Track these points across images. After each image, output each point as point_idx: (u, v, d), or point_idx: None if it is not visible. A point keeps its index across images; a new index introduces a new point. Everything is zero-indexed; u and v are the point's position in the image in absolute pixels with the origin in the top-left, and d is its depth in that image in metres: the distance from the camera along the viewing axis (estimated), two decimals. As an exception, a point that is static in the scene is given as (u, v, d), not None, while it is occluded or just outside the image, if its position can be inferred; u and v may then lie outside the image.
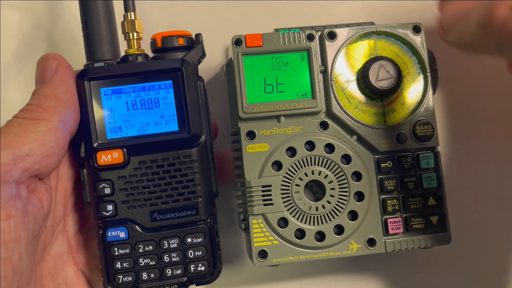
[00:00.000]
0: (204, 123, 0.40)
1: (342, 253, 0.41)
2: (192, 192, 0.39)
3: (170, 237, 0.39)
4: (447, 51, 0.51)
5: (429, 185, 0.42)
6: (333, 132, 0.42)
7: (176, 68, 0.39)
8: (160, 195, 0.39)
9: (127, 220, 0.39)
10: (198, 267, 0.39)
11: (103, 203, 0.38)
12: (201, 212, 0.39)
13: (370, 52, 0.43)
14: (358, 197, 0.42)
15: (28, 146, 0.34)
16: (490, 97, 0.51)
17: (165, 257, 0.39)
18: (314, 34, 0.42)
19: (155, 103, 0.39)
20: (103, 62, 0.39)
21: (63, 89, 0.37)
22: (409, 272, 0.50)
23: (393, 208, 0.42)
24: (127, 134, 0.39)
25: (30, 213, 0.34)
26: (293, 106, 0.41)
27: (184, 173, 0.39)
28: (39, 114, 0.36)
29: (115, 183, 0.38)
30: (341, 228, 0.41)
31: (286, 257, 0.41)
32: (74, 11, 0.48)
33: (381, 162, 0.42)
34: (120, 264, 0.39)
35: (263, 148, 0.41)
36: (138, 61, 0.39)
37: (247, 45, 0.41)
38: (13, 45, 0.48)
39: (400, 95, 0.43)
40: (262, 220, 0.41)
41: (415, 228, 0.42)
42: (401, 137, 0.42)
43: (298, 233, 0.41)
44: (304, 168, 0.41)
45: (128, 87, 0.39)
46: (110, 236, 0.39)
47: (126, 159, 0.38)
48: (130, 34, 0.40)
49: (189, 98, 0.39)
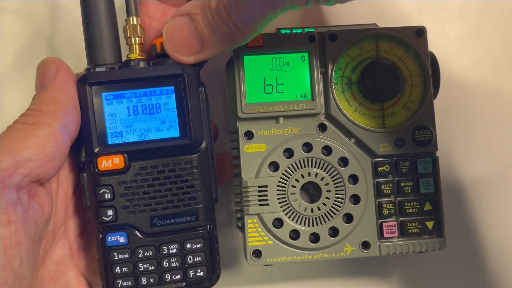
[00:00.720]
0: (205, 129, 0.39)
1: (336, 255, 0.41)
2: (192, 198, 0.39)
3: (170, 242, 0.39)
4: (449, 53, 0.51)
5: (426, 190, 0.42)
6: (331, 135, 0.42)
7: (178, 74, 0.39)
8: (160, 200, 0.39)
9: (127, 225, 0.39)
10: (197, 272, 0.40)
11: (103, 208, 0.38)
12: (201, 218, 0.39)
13: (372, 54, 0.42)
14: (354, 200, 0.42)
15: (29, 151, 0.34)
16: (491, 101, 0.51)
17: (164, 262, 0.39)
18: (315, 35, 0.42)
19: (157, 109, 0.39)
20: (105, 66, 0.39)
21: (63, 93, 0.37)
22: (402, 276, 0.50)
23: (388, 212, 0.42)
24: (128, 139, 0.39)
25: (30, 218, 0.35)
26: (292, 107, 0.41)
27: (185, 179, 0.39)
28: (39, 119, 0.35)
29: (116, 189, 0.38)
30: (336, 231, 0.41)
31: (280, 257, 0.41)
32: (75, 14, 0.47)
33: (378, 165, 0.42)
34: (119, 268, 0.39)
35: (261, 148, 0.41)
36: (139, 66, 0.39)
37: (248, 45, 0.41)
38: (14, 48, 0.48)
39: (400, 98, 0.42)
40: (258, 220, 0.41)
41: (410, 232, 0.42)
42: (399, 141, 0.42)
43: (292, 234, 0.41)
44: (301, 169, 0.41)
45: (130, 92, 0.39)
46: (110, 241, 0.39)
47: (127, 164, 0.38)
48: (132, 39, 0.39)
49: (190, 104, 0.39)
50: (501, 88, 0.51)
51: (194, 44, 0.37)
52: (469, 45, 0.51)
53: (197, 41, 0.37)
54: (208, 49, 0.38)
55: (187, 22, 0.37)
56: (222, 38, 0.36)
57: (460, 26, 0.51)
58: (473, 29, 0.51)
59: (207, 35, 0.37)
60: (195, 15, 0.37)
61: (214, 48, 0.37)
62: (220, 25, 0.35)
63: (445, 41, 0.51)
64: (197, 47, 0.38)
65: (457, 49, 0.51)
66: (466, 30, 0.51)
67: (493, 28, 0.52)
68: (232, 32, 0.35)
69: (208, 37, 0.37)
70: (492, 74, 0.51)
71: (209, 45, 0.37)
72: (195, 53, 0.38)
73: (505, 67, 0.51)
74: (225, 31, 0.36)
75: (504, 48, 0.51)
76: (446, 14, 0.51)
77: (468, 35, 0.51)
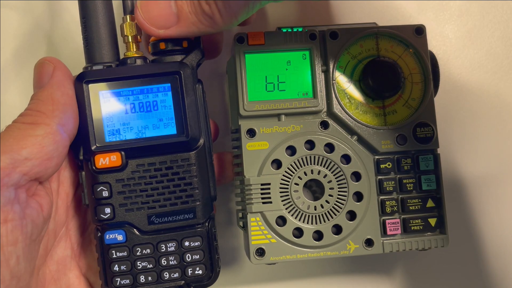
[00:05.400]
0: (202, 126, 0.40)
1: (339, 253, 0.41)
2: (190, 196, 0.39)
3: (168, 240, 0.39)
4: (449, 53, 0.51)
5: (428, 187, 0.42)
6: (333, 132, 0.42)
7: (175, 72, 0.39)
8: (158, 198, 0.39)
9: (125, 223, 0.39)
10: (196, 270, 0.39)
11: (101, 206, 0.38)
12: (199, 215, 0.39)
13: (372, 52, 0.43)
14: (357, 197, 0.42)
15: (27, 150, 0.34)
16: (491, 100, 0.51)
17: (162, 260, 0.39)
18: (316, 33, 0.42)
19: (154, 106, 0.39)
20: (102, 65, 0.39)
21: (60, 92, 0.37)
22: (406, 273, 0.50)
23: (391, 209, 0.42)
24: (125, 137, 0.39)
25: (28, 217, 0.35)
26: (294, 105, 0.41)
27: (182, 177, 0.39)
28: (37, 118, 0.36)
29: (113, 186, 0.38)
30: (339, 228, 0.41)
31: (284, 255, 0.41)
32: (73, 12, 0.48)
33: (380, 163, 0.42)
34: (117, 266, 0.39)
35: (263, 146, 0.41)
36: (136, 64, 0.39)
37: (250, 43, 0.41)
38: (12, 46, 0.48)
39: (401, 96, 0.43)
40: (261, 218, 0.41)
41: (413, 229, 0.42)
42: (401, 139, 0.42)
43: (296, 232, 0.41)
44: (304, 167, 0.41)
45: (127, 90, 0.39)
46: (108, 239, 0.39)
47: (124, 162, 0.38)
48: (129, 37, 0.40)
49: (187, 102, 0.39)
50: (501, 88, 0.51)
51: (169, 17, 0.37)
52: (469, 45, 0.52)
53: (173, 15, 0.37)
54: (182, 26, 0.37)
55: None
56: (200, 18, 0.36)
57: (460, 26, 0.52)
58: (473, 29, 0.52)
59: (186, 12, 0.36)
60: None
61: (188, 27, 0.37)
62: (202, 4, 0.35)
63: (445, 41, 0.52)
64: (171, 21, 0.37)
65: (457, 49, 0.52)
66: (466, 30, 0.52)
67: (493, 28, 0.52)
68: (213, 14, 0.35)
69: (186, 14, 0.36)
70: (492, 74, 0.51)
71: (185, 22, 0.37)
72: (166, 27, 0.38)
73: (505, 67, 0.51)
74: (207, 12, 0.35)
75: (504, 48, 0.52)
76: (446, 14, 0.52)
77: (468, 35, 0.52)
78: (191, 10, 0.36)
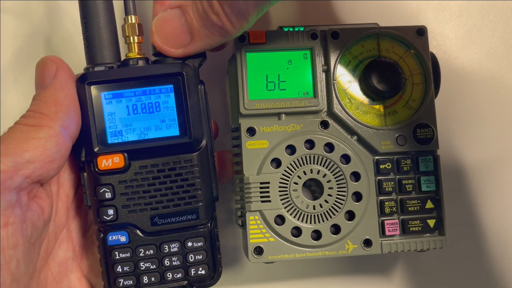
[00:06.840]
0: (205, 127, 0.39)
1: (338, 253, 0.41)
2: (193, 197, 0.39)
3: (171, 241, 0.39)
4: (449, 53, 0.51)
5: (428, 188, 0.42)
6: (333, 132, 0.42)
7: (177, 73, 0.39)
8: (161, 199, 0.39)
9: (128, 225, 0.39)
10: (199, 271, 0.40)
11: (104, 208, 0.38)
12: (202, 216, 0.39)
13: (373, 53, 0.42)
14: (356, 197, 0.42)
15: (30, 153, 0.34)
16: (491, 100, 0.51)
17: (165, 261, 0.39)
18: (317, 33, 0.42)
19: (156, 108, 0.39)
20: (104, 65, 0.39)
21: (64, 93, 0.37)
22: (404, 274, 0.50)
23: (390, 210, 0.42)
24: (128, 138, 0.39)
25: (28, 220, 0.34)
26: (294, 104, 0.41)
27: (185, 178, 0.39)
28: (40, 120, 0.35)
29: (116, 188, 0.38)
30: (338, 228, 0.41)
31: (282, 254, 0.41)
32: (73, 13, 0.47)
33: (380, 163, 0.42)
34: (120, 268, 0.39)
35: (263, 145, 0.41)
36: (138, 65, 0.39)
37: (251, 42, 0.41)
38: (12, 48, 0.48)
39: (401, 97, 0.43)
40: (259, 216, 0.41)
41: (412, 230, 0.42)
42: (401, 139, 0.42)
43: (294, 231, 0.41)
44: (303, 166, 0.41)
45: (129, 91, 0.39)
46: (111, 240, 0.39)
47: (127, 163, 0.38)
48: (130, 38, 0.39)
49: (190, 103, 0.39)
50: (501, 88, 0.51)
51: (183, 36, 0.37)
52: (469, 45, 0.52)
53: (186, 33, 0.37)
54: (197, 41, 0.37)
55: (177, 14, 0.37)
56: (211, 29, 0.36)
57: (460, 26, 0.52)
58: (473, 29, 0.52)
59: (197, 27, 0.36)
60: (186, 6, 0.37)
61: (203, 40, 0.37)
62: (210, 15, 0.35)
63: (445, 41, 0.51)
64: (186, 39, 0.37)
65: (457, 49, 0.52)
66: (466, 30, 0.52)
67: (493, 28, 0.52)
68: (222, 23, 0.35)
69: (197, 29, 0.36)
70: (492, 74, 0.51)
71: (199, 37, 0.37)
72: (183, 46, 0.38)
73: (505, 67, 0.51)
74: (216, 22, 0.35)
75: (504, 48, 0.52)
76: (446, 14, 0.52)
77: (468, 35, 0.52)
78: (201, 24, 0.36)
